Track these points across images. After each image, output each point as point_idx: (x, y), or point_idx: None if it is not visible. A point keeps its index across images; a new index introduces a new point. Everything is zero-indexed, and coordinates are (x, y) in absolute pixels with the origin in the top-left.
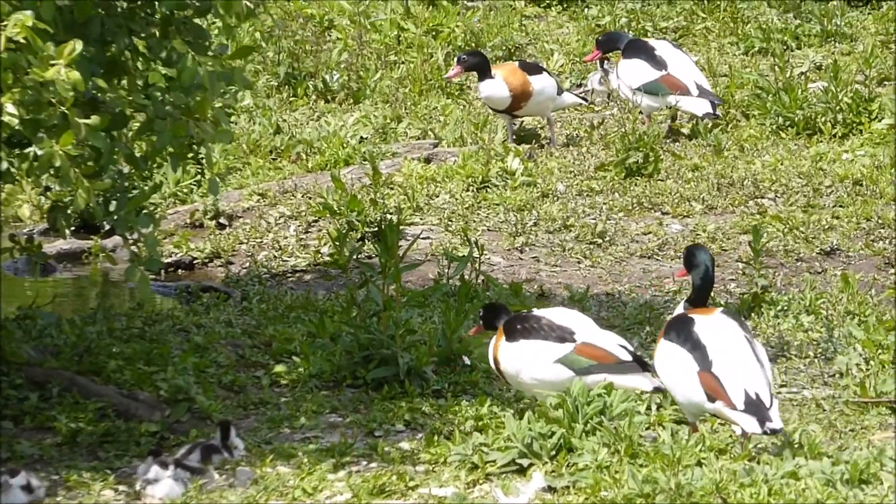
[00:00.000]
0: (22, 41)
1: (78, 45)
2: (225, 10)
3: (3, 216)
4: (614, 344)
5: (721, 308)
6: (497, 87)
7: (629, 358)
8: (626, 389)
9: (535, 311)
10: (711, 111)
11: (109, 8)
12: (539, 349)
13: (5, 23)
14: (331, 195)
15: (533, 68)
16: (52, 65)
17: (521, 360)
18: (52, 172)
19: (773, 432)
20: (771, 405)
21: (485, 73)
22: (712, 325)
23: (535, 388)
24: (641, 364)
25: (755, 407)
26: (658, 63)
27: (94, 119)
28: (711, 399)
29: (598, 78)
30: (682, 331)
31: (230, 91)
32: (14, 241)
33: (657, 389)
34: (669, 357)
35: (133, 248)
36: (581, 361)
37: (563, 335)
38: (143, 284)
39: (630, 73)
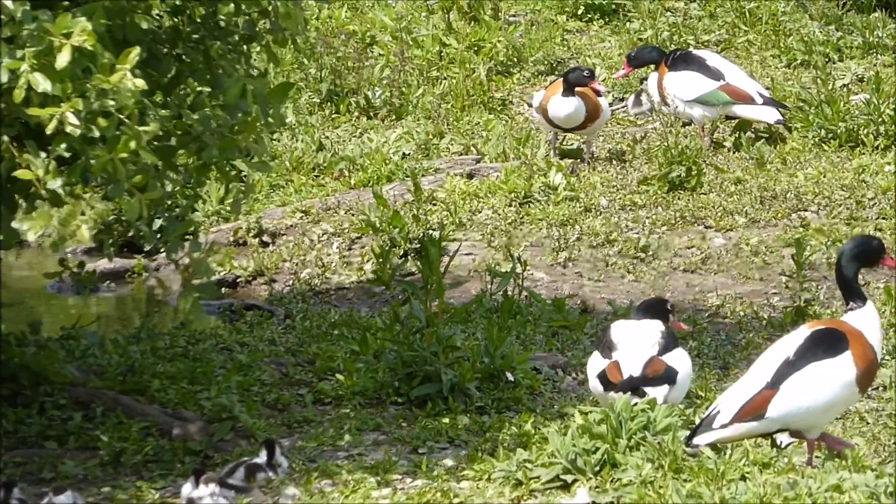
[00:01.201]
0: (88, 48)
1: (137, 50)
2: (285, 20)
3: (59, 237)
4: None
5: (822, 326)
6: (575, 105)
7: None
8: None
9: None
10: (781, 118)
11: (155, 33)
12: None
13: (71, 29)
14: (373, 212)
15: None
16: (116, 70)
17: None
18: (102, 184)
19: (688, 446)
20: (723, 427)
21: (570, 90)
22: (786, 341)
23: None
24: None
25: (704, 419)
26: (713, 73)
27: (152, 126)
28: None
29: (632, 101)
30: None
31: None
32: (64, 266)
33: None
34: None
35: (184, 273)
36: None
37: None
38: (195, 311)
39: (682, 86)
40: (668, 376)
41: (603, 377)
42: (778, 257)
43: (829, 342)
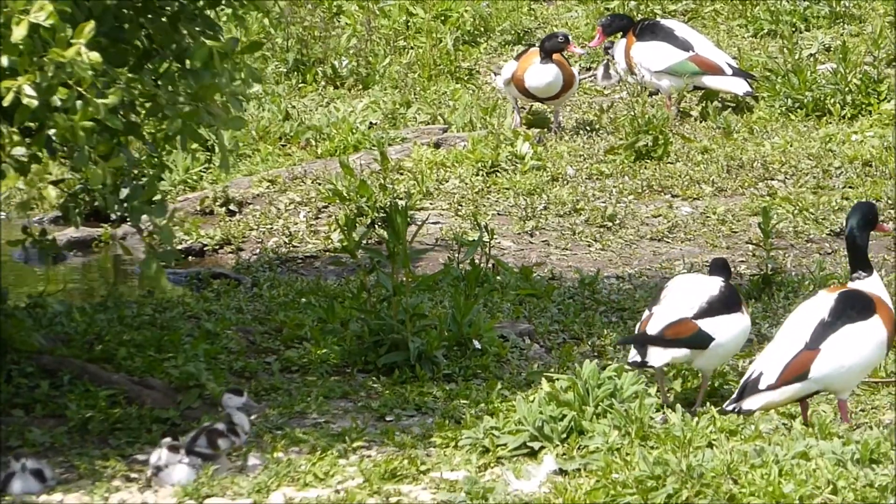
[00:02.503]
0: (47, 26)
1: (92, 25)
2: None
3: (27, 198)
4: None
5: (847, 289)
6: (554, 73)
7: None
8: None
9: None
10: (750, 89)
11: (121, 4)
12: None
13: (29, 6)
14: (340, 181)
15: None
16: (72, 44)
17: None
18: (65, 153)
19: (738, 412)
20: (770, 388)
21: (547, 57)
22: (813, 303)
23: None
24: None
25: (745, 386)
26: (681, 43)
27: (111, 98)
28: None
29: (602, 73)
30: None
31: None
32: (27, 233)
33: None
34: None
35: (148, 239)
36: None
37: None
38: (158, 277)
39: (651, 56)
40: (696, 340)
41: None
42: (745, 226)
43: (859, 305)
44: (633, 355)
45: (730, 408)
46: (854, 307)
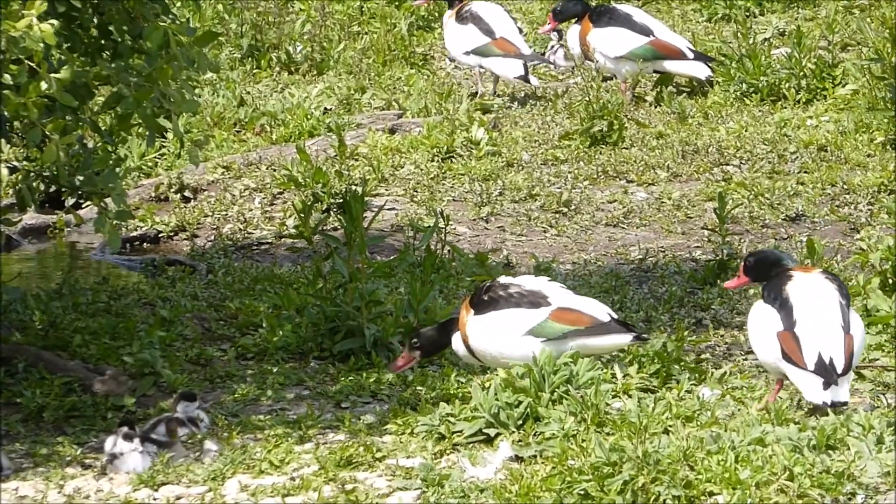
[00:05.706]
0: None
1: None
2: None
3: None
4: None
5: (821, 269)
6: None
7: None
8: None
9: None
10: (711, 73)
11: None
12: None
13: None
14: (295, 167)
15: None
16: (23, 16)
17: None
18: (18, 132)
19: (835, 405)
20: (844, 374)
21: None
22: (808, 285)
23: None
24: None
25: (824, 370)
26: (640, 28)
27: (63, 73)
28: (787, 359)
29: (563, 54)
30: (776, 290)
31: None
32: None
33: (637, 338)
34: (758, 316)
35: (101, 204)
36: (556, 328)
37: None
38: (112, 235)
39: (610, 42)
40: None
41: None
42: (700, 211)
43: (847, 291)
44: None
45: (820, 402)
46: (846, 293)
